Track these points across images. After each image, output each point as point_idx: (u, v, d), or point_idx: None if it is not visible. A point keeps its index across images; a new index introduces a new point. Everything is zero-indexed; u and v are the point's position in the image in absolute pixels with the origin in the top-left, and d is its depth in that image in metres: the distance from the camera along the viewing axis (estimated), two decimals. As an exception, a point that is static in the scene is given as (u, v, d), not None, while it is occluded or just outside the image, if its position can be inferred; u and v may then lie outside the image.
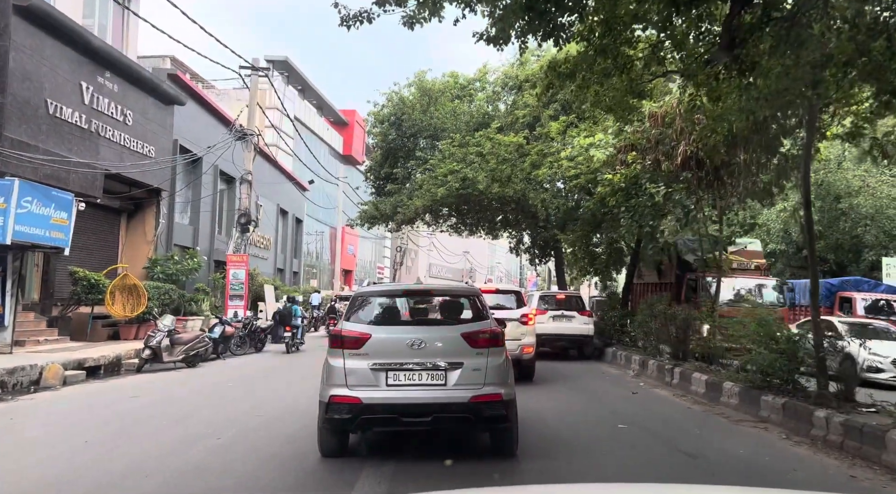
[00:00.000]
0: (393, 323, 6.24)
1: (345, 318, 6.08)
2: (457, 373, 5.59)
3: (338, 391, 5.57)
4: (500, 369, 5.73)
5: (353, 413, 5.50)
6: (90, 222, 17.63)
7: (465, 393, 5.55)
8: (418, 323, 6.37)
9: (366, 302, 6.41)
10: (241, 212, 18.91)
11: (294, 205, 37.94)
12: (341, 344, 5.73)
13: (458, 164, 17.91)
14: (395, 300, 6.70)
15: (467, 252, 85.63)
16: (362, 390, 5.53)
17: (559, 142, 13.96)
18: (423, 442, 6.32)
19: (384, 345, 5.71)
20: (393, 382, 5.58)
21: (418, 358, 5.60)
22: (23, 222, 11.36)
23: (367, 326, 5.91)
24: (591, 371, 14.98)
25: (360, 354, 5.63)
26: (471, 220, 25.28)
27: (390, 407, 5.52)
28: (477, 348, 5.69)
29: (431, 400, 5.54)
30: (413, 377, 5.60)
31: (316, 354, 18.43)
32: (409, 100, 20.45)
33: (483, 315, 6.14)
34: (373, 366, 5.59)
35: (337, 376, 5.63)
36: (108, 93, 16.14)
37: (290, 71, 42.37)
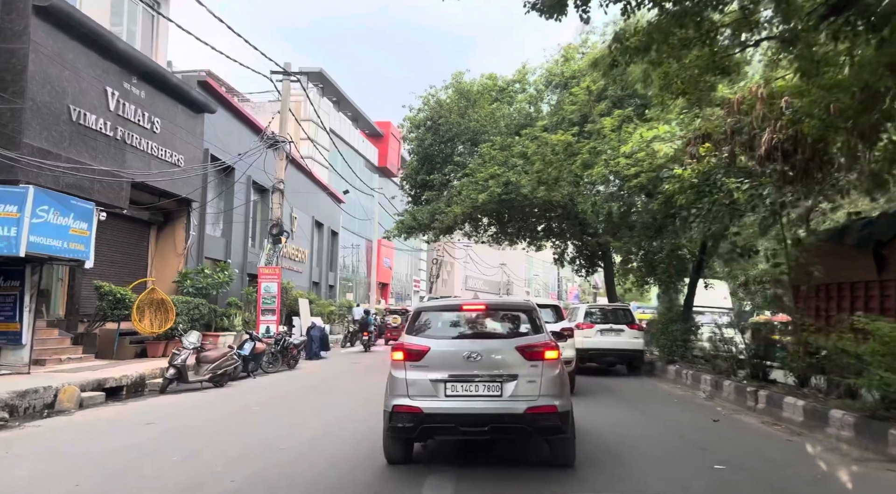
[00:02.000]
0: (451, 337, 6.43)
1: (406, 332, 6.45)
2: (512, 385, 5.80)
3: (400, 401, 5.89)
4: (554, 381, 5.88)
5: (415, 422, 5.80)
6: (118, 234, 17.00)
7: (520, 404, 5.74)
8: (475, 337, 6.45)
9: (426, 316, 6.69)
10: (273, 222, 18.07)
11: (329, 218, 37.27)
12: (403, 357, 6.04)
13: (500, 168, 16.73)
14: (454, 314, 6.85)
15: (504, 264, 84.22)
16: (423, 400, 5.83)
17: (614, 138, 12.67)
18: (484, 450, 6.49)
19: (442, 358, 5.99)
20: (451, 393, 5.84)
21: (475, 370, 5.85)
22: (39, 233, 10.60)
23: (426, 339, 6.21)
24: (650, 390, 13.54)
25: (420, 366, 5.94)
26: (512, 230, 24.06)
27: (449, 417, 5.79)
28: (532, 361, 5.88)
29: (488, 411, 5.77)
30: (470, 388, 5.84)
31: (351, 370, 17.49)
32: (447, 103, 19.41)
33: (538, 328, 6.33)
34: (432, 378, 5.86)
35: (399, 387, 5.94)
36: (134, 100, 15.50)
37: (325, 82, 41.98)
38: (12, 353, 11.59)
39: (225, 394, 12.32)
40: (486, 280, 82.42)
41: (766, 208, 9.21)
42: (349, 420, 9.30)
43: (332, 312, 30.05)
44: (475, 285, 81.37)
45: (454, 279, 74.16)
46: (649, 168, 10.96)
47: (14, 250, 10.13)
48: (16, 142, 11.94)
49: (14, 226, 10.15)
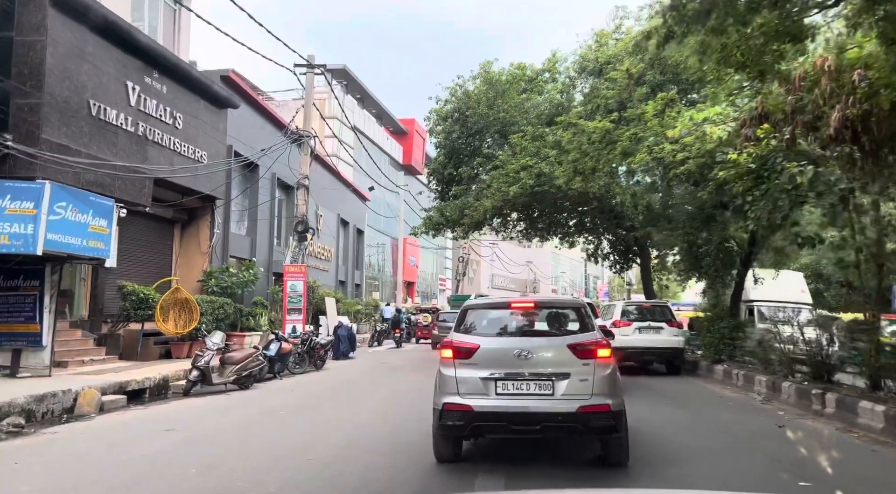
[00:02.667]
0: (500, 335, 6.42)
1: (455, 329, 6.41)
2: (564, 384, 5.73)
3: (450, 398, 5.86)
4: (607, 380, 5.80)
5: (465, 420, 5.77)
6: (141, 233, 16.67)
7: (573, 403, 5.67)
8: (525, 335, 6.38)
9: (474, 314, 6.62)
10: (299, 219, 17.59)
11: (355, 216, 36.87)
12: (452, 354, 6.02)
13: (532, 159, 15.99)
14: (502, 312, 6.81)
15: (530, 262, 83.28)
16: (473, 398, 5.79)
17: (656, 124, 11.87)
18: (533, 449, 6.38)
19: (492, 356, 5.95)
20: (502, 391, 5.79)
21: (525, 368, 5.78)
22: (56, 230, 10.20)
23: (475, 337, 6.18)
24: (697, 391, 12.73)
25: (470, 364, 5.91)
26: (542, 225, 23.29)
27: (500, 415, 5.74)
28: (584, 359, 5.80)
29: (539, 410, 5.72)
30: (521, 386, 5.78)
31: (380, 370, 16.96)
32: (475, 93, 18.71)
33: (589, 326, 6.24)
34: (482, 376, 5.82)
35: (449, 384, 5.92)
36: (156, 95, 15.12)
37: (349, 80, 41.59)
38: (33, 355, 11.24)
39: (250, 397, 11.84)
40: (512, 278, 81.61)
41: (833, 194, 8.38)
42: (382, 423, 8.81)
43: (358, 311, 29.63)
44: (501, 283, 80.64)
45: (480, 277, 73.47)
46: (698, 153, 10.15)
47: (31, 248, 9.74)
48: (34, 137, 11.60)
49: (31, 224, 9.76)
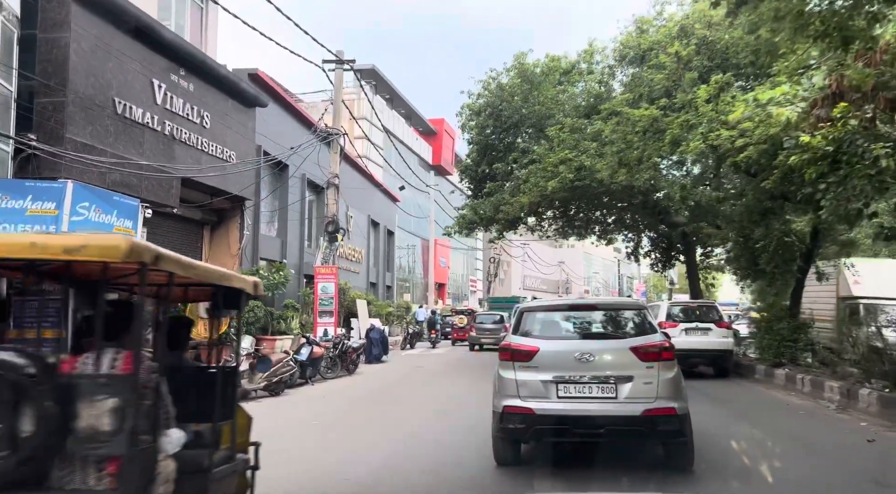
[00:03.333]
0: (560, 337, 6.36)
1: (512, 332, 6.44)
2: (628, 387, 5.64)
3: (511, 401, 5.80)
4: (672, 383, 5.72)
5: (527, 423, 5.71)
6: (170, 235, 16.33)
7: (637, 406, 5.57)
8: (585, 337, 6.27)
9: (531, 316, 6.54)
10: (329, 219, 17.09)
11: (385, 217, 36.41)
12: (511, 357, 5.99)
13: (571, 152, 15.18)
14: (561, 314, 6.69)
15: (562, 262, 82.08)
16: (534, 401, 5.73)
17: (708, 110, 10.99)
18: (593, 452, 6.21)
19: (553, 358, 5.89)
20: (563, 394, 5.73)
21: (587, 371, 5.71)
22: (79, 231, 9.78)
23: (534, 340, 6.09)
24: (757, 397, 11.79)
25: (530, 367, 5.85)
26: (580, 222, 22.41)
27: (562, 419, 5.65)
28: (647, 361, 5.71)
29: (603, 413, 5.61)
30: (583, 390, 5.70)
31: (416, 375, 16.30)
32: (509, 86, 17.98)
33: (650, 328, 6.15)
34: (543, 378, 5.76)
35: (509, 387, 5.86)
36: (182, 93, 14.74)
37: (378, 80, 41.22)
38: (59, 362, 10.87)
39: (281, 404, 11.31)
40: (543, 278, 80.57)
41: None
42: (425, 434, 8.21)
43: (390, 313, 29.11)
44: (532, 284, 79.66)
45: (511, 278, 72.59)
46: (760, 139, 9.27)
47: (53, 250, 9.32)
48: (58, 136, 11.24)
49: (52, 225, 9.36)
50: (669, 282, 34.71)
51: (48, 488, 2.71)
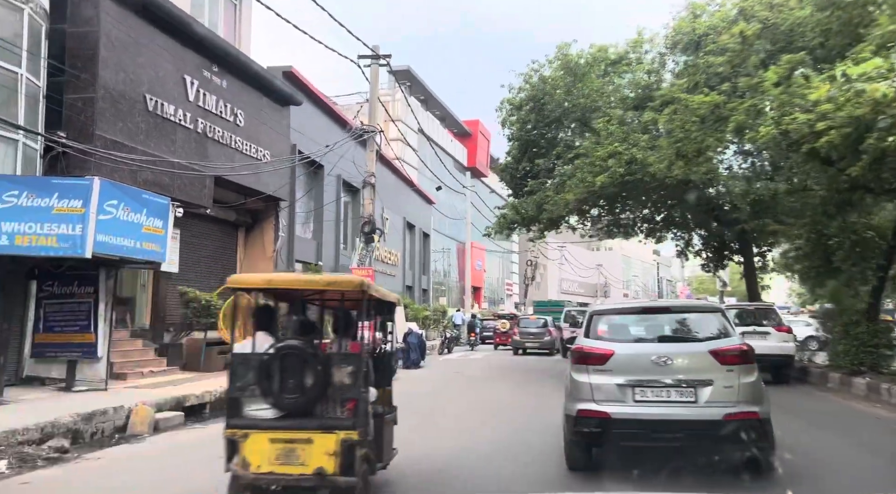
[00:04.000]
0: (635, 340, 6.28)
1: (584, 335, 6.26)
2: (707, 391, 5.55)
3: (585, 405, 5.74)
4: (753, 387, 5.63)
5: (603, 426, 5.64)
6: (204, 237, 15.96)
7: (718, 410, 5.47)
8: (662, 340, 6.15)
9: (603, 319, 6.43)
10: (365, 219, 16.49)
11: (421, 219, 35.83)
12: (585, 360, 5.93)
13: (621, 144, 14.25)
14: (635, 317, 6.60)
15: (601, 265, 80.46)
16: (610, 405, 5.65)
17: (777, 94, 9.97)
18: (667, 457, 6.02)
19: (629, 362, 5.80)
20: (640, 398, 5.65)
21: (665, 374, 5.63)
22: (107, 231, 9.33)
23: (608, 343, 6.02)
24: (832, 408, 10.72)
25: (604, 370, 5.78)
26: (626, 221, 21.38)
27: (640, 423, 5.58)
28: (727, 365, 5.61)
29: (682, 417, 5.53)
30: (661, 393, 5.61)
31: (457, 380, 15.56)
32: (552, 79, 17.12)
33: (729, 332, 6.03)
34: (619, 382, 5.69)
35: (583, 390, 5.81)
36: (215, 90, 14.33)
37: (413, 81, 40.71)
38: (88, 367, 10.45)
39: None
40: (581, 282, 79.09)
41: None
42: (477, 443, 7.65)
43: (426, 317, 28.45)
44: (570, 288, 78.30)
45: (548, 281, 71.31)
46: (845, 121, 8.27)
47: (79, 250, 8.88)
48: (88, 134, 10.87)
49: (79, 224, 8.90)
50: (721, 284, 33.02)
51: (318, 416, 4.63)
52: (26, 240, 8.83)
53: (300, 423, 4.54)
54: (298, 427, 4.51)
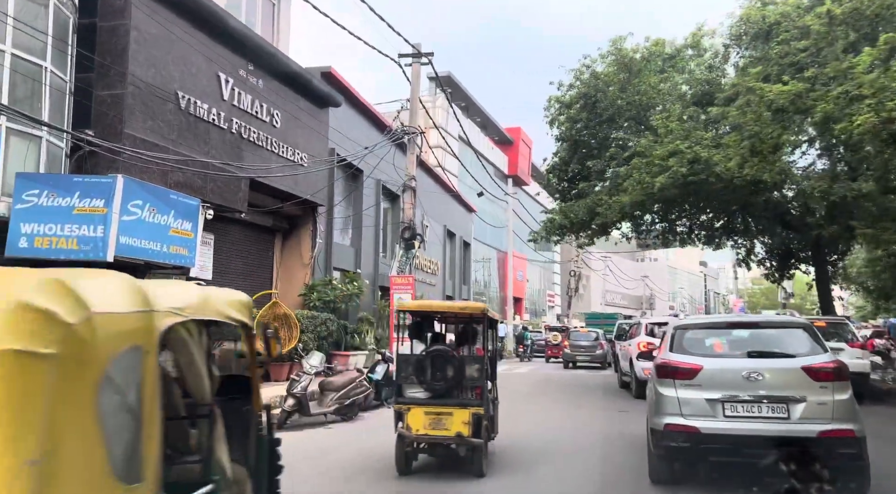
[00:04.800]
0: (723, 356, 6.19)
1: (668, 349, 6.25)
2: (801, 407, 5.48)
3: (672, 419, 5.72)
4: (847, 404, 5.53)
5: (691, 441, 5.62)
6: (240, 242, 15.36)
7: (812, 427, 5.39)
8: (752, 356, 5.92)
9: (690, 334, 6.40)
10: (405, 224, 15.65)
11: (461, 228, 34.92)
12: (672, 374, 5.92)
13: (684, 143, 13.08)
14: (723, 332, 6.59)
15: (646, 276, 78.11)
16: (698, 419, 5.62)
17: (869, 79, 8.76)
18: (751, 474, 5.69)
19: (718, 377, 5.76)
20: (731, 413, 5.60)
21: (757, 390, 5.57)
22: (131, 233, 8.70)
23: (696, 357, 5.98)
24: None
25: (692, 384, 5.76)
26: (682, 227, 20.05)
27: (731, 438, 5.53)
28: (820, 382, 5.54)
29: (775, 433, 5.43)
30: (752, 409, 5.56)
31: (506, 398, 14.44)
32: (604, 75, 16.05)
33: (821, 347, 5.96)
34: (708, 397, 5.66)
35: (670, 405, 5.79)
36: (251, 89, 13.75)
37: (454, 87, 40.03)
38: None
39: (355, 431, 9.81)
40: (625, 293, 76.96)
41: None
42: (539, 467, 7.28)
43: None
44: (613, 300, 76.32)
45: (591, 293, 69.53)
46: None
47: (101, 254, 8.25)
48: (117, 132, 10.33)
49: (101, 225, 8.28)
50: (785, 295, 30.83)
51: (456, 397, 6.60)
52: (46, 243, 8.25)
53: (445, 402, 6.55)
54: (443, 404, 6.52)
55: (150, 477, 2.01)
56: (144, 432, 2.01)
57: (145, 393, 2.03)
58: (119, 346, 1.91)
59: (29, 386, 1.58)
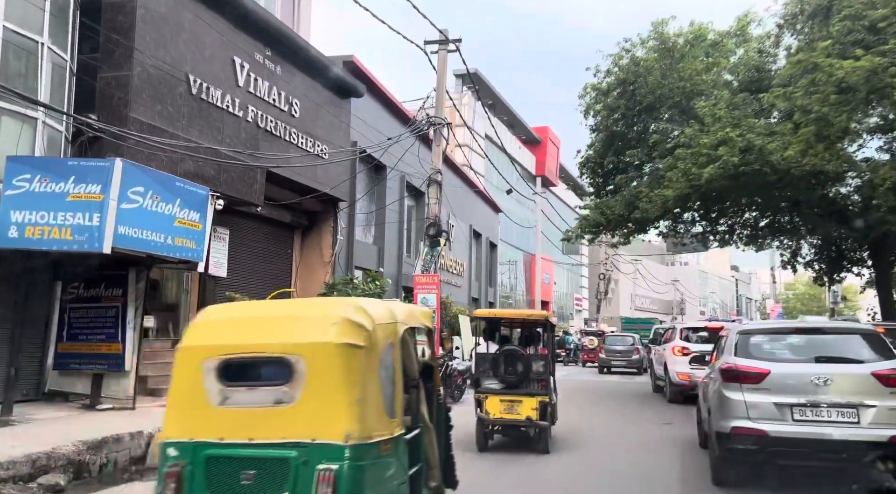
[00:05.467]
0: (791, 361, 6.25)
1: (734, 354, 6.30)
2: (871, 412, 5.53)
3: (739, 423, 5.79)
4: None
5: (760, 445, 5.66)
6: (258, 239, 14.63)
7: (884, 432, 5.45)
8: (820, 361, 5.99)
9: (755, 339, 6.51)
10: (431, 220, 14.74)
11: (488, 228, 33.92)
12: (739, 378, 5.98)
13: (734, 130, 11.96)
14: (789, 337, 6.62)
15: (676, 280, 76.12)
16: (767, 423, 5.69)
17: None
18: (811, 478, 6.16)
19: (787, 381, 5.83)
20: (800, 417, 5.66)
21: (826, 395, 5.64)
22: (131, 222, 7.92)
23: (763, 362, 6.07)
24: None
25: (759, 389, 5.84)
26: (724, 226, 18.82)
27: (800, 442, 5.58)
28: (890, 387, 5.59)
29: (846, 438, 5.50)
30: (821, 413, 5.63)
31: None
32: (645, 61, 14.97)
33: (890, 353, 6.00)
34: (777, 401, 5.72)
35: (737, 408, 5.86)
36: (268, 76, 12.99)
37: (481, 85, 39.06)
38: (115, 382, 9.07)
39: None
40: (654, 298, 75.14)
41: None
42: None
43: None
44: (642, 304, 74.61)
45: (619, 297, 67.91)
46: None
47: (96, 245, 7.48)
48: (122, 116, 9.61)
49: (97, 213, 7.51)
50: (834, 300, 28.95)
51: (525, 388, 7.96)
52: (38, 232, 7.51)
53: (516, 391, 7.87)
54: (515, 393, 7.85)
55: (398, 416, 3.44)
56: (396, 390, 3.47)
57: (396, 368, 3.51)
58: (385, 342, 3.41)
59: (354, 362, 3.12)
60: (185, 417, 3.18)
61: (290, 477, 2.95)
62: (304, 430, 3.00)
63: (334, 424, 2.98)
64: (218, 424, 3.10)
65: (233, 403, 3.12)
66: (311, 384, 3.05)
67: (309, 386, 3.05)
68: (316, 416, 3.02)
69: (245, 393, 3.17)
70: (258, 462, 3.00)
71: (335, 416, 3.00)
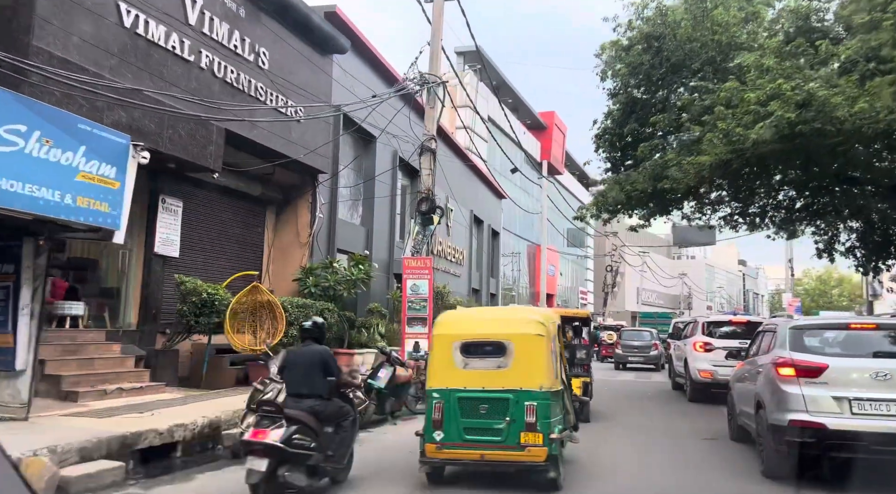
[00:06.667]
0: (848, 355, 6.39)
1: (790, 349, 6.45)
2: None
3: (797, 416, 5.91)
4: None
5: (818, 437, 5.79)
6: (221, 215, 12.59)
7: None
8: (877, 356, 6.17)
9: (811, 333, 6.73)
10: (423, 194, 12.66)
11: (490, 215, 31.81)
12: (796, 373, 6.14)
13: (788, 82, 9.84)
14: (844, 332, 6.77)
15: (684, 274, 74.05)
16: (825, 416, 5.81)
17: None
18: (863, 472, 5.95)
19: (845, 375, 6.02)
20: (859, 411, 5.78)
21: (886, 389, 5.77)
22: (6, 172, 5.85)
23: (820, 357, 6.24)
24: None
25: (817, 383, 5.98)
26: (756, 209, 16.71)
27: (860, 435, 5.69)
28: None
29: None
30: (881, 407, 5.74)
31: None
32: (673, 10, 12.82)
33: None
34: (835, 395, 5.87)
35: (794, 402, 6.01)
36: (228, 17, 10.91)
37: (484, 64, 36.85)
38: (6, 384, 7.03)
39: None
40: (661, 292, 73.17)
41: None
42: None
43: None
44: (649, 298, 72.75)
45: (625, 291, 65.88)
46: None
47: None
48: (21, 45, 7.54)
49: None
50: (872, 292, 26.78)
51: (570, 371, 8.63)
52: None
53: None
54: None
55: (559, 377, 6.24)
56: (559, 364, 6.37)
57: (558, 350, 6.41)
58: (552, 333, 6.22)
59: (541, 345, 5.97)
60: (442, 375, 5.94)
61: (509, 409, 5.66)
62: (515, 383, 5.75)
63: (533, 379, 5.76)
64: (462, 379, 5.86)
65: (471, 367, 5.90)
66: (518, 357, 5.84)
67: (516, 357, 5.84)
68: (521, 375, 5.78)
69: (478, 360, 5.95)
70: (489, 401, 5.74)
71: (533, 375, 5.79)
